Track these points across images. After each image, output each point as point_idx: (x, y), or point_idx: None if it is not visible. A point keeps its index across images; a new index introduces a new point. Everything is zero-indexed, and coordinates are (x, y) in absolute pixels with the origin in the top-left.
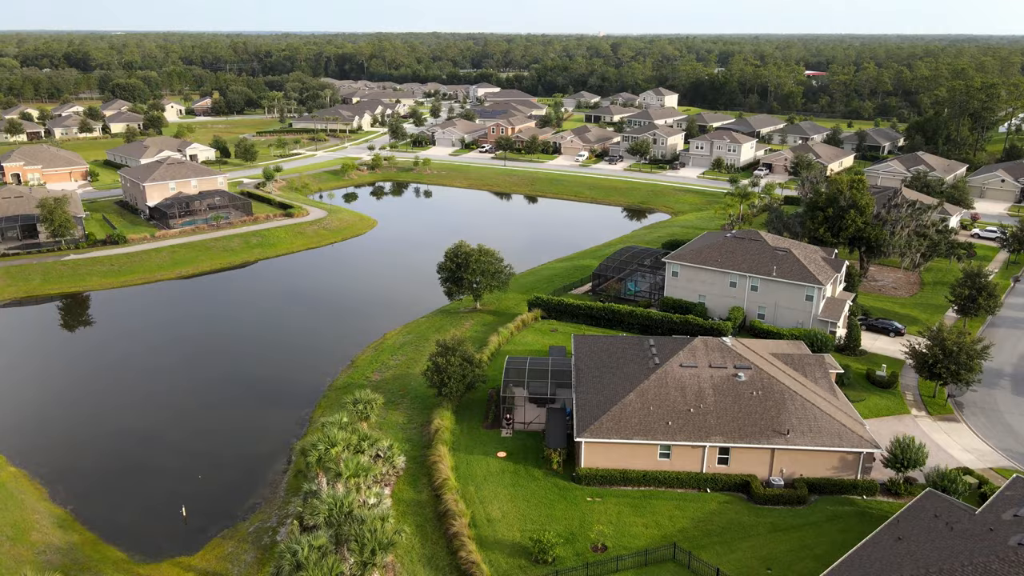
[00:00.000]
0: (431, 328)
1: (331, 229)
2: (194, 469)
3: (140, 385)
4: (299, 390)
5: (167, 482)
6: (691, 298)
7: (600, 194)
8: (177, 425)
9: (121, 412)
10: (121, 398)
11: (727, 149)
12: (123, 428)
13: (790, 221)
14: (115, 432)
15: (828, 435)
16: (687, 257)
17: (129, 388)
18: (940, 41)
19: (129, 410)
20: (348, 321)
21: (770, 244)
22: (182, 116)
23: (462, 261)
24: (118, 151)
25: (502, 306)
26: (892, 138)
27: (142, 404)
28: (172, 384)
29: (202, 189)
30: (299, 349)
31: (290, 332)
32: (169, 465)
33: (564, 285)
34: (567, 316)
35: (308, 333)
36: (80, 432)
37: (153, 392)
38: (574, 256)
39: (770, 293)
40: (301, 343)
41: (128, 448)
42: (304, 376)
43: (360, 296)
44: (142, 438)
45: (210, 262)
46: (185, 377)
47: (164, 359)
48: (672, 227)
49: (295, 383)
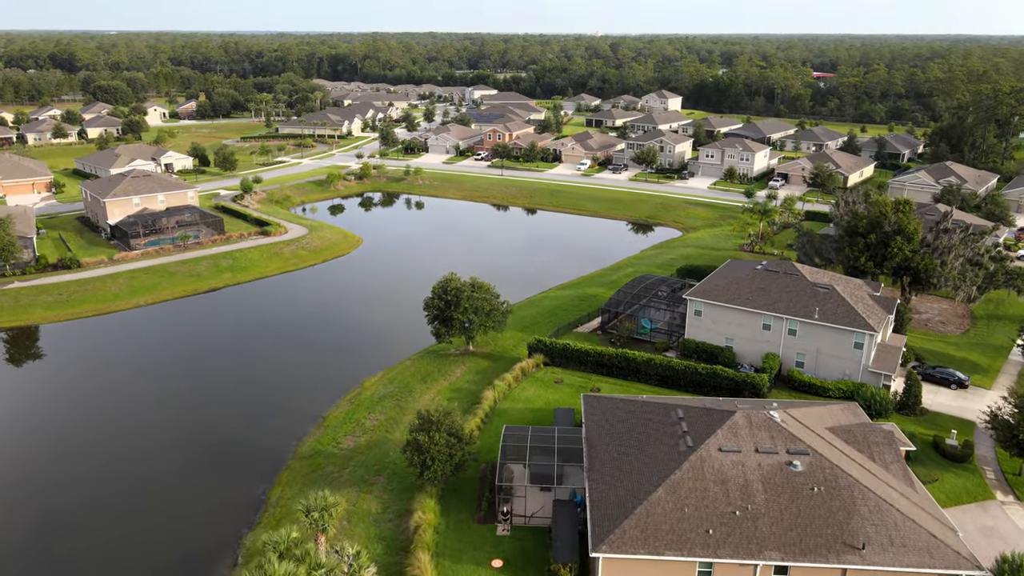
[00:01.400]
0: (416, 376)
1: (311, 249)
2: (121, 570)
3: (63, 454)
4: (258, 460)
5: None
6: (716, 341)
7: (604, 207)
8: (105, 507)
9: (30, 496)
10: (30, 480)
11: (739, 158)
12: (29, 516)
13: (822, 245)
14: (16, 524)
15: (914, 550)
16: (712, 294)
17: (45, 461)
18: (941, 41)
19: (41, 491)
20: (322, 362)
21: (809, 279)
22: (165, 120)
23: (452, 299)
24: (88, 159)
25: (498, 347)
26: (911, 145)
27: (62, 483)
28: (105, 452)
29: (170, 205)
30: (262, 401)
31: (253, 377)
32: (89, 560)
33: (569, 322)
34: (573, 363)
35: (274, 379)
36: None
37: (77, 463)
38: (579, 282)
39: (811, 338)
40: (265, 392)
41: (32, 542)
42: (265, 439)
43: (337, 330)
44: (51, 525)
45: (173, 289)
46: (123, 443)
47: (98, 419)
48: (685, 247)
49: (254, 449)
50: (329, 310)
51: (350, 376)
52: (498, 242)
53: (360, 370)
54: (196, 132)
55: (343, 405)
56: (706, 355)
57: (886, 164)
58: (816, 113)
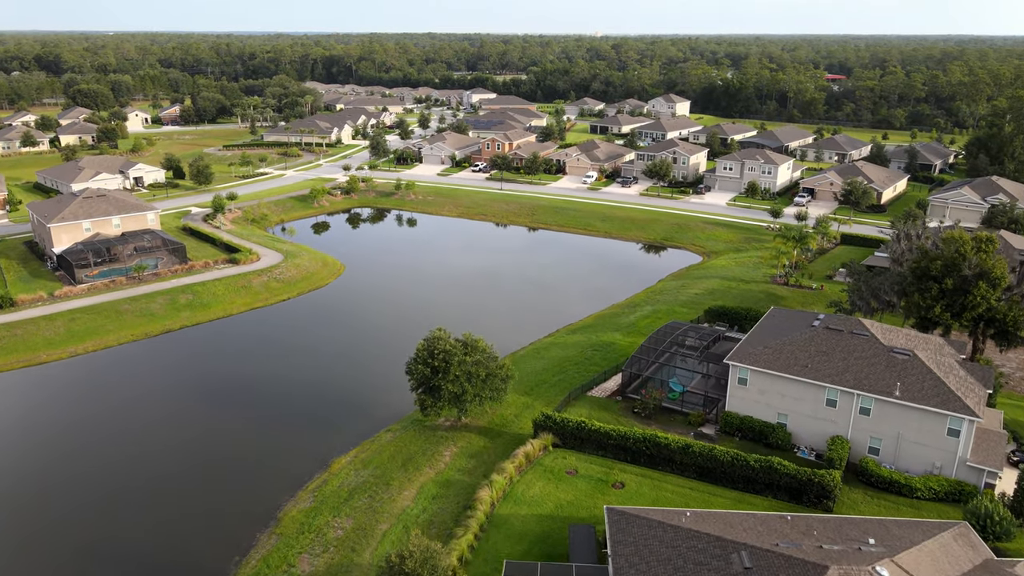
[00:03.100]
0: (396, 459)
1: (284, 280)
2: None
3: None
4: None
5: None
6: (766, 416)
7: (614, 227)
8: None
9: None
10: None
11: (761, 171)
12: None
13: (878, 284)
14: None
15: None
16: (761, 358)
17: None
18: (946, 42)
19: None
20: (282, 433)
21: (882, 341)
22: (147, 125)
23: (440, 365)
24: (50, 172)
25: (497, 418)
26: (942, 155)
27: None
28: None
29: (128, 229)
30: (198, 495)
31: (195, 453)
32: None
33: (582, 383)
34: (590, 445)
35: (219, 457)
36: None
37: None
38: (590, 324)
39: (890, 420)
40: (204, 481)
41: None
42: (197, 555)
43: (304, 389)
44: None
45: (118, 332)
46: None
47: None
48: (708, 277)
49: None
50: (297, 359)
51: (316, 453)
52: (497, 269)
53: (329, 444)
54: (178, 139)
55: (303, 499)
56: (753, 433)
57: (918, 177)
58: (831, 118)
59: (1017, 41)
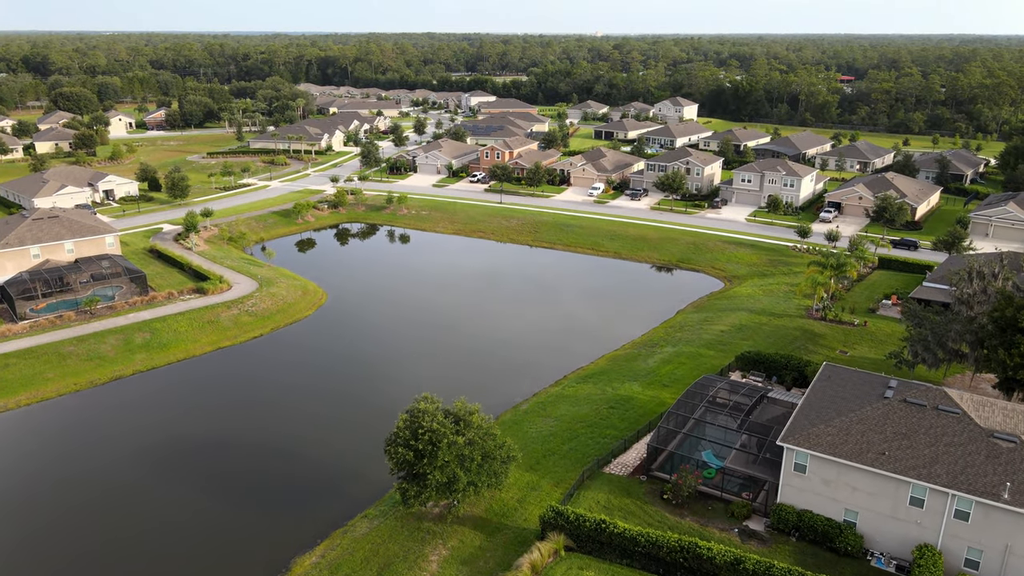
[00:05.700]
0: (370, 564)
1: (257, 313)
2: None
3: None
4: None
5: None
6: (831, 512)
7: (624, 247)
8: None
9: None
10: None
11: (783, 183)
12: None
13: (943, 332)
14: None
15: None
16: (825, 440)
17: None
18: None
19: None
20: (232, 518)
21: (979, 423)
22: (131, 130)
23: (425, 448)
24: (12, 185)
25: (496, 504)
26: (973, 163)
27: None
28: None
29: (82, 254)
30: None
31: (132, 546)
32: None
33: (597, 458)
34: (612, 551)
35: (155, 553)
36: None
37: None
38: (605, 370)
39: (995, 528)
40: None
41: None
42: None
43: (269, 456)
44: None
45: (59, 381)
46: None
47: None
48: (734, 309)
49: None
50: (259, 415)
51: (275, 548)
52: (496, 298)
53: (291, 535)
54: (161, 145)
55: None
56: (814, 533)
57: (949, 188)
58: (845, 122)
59: (1019, 40)
